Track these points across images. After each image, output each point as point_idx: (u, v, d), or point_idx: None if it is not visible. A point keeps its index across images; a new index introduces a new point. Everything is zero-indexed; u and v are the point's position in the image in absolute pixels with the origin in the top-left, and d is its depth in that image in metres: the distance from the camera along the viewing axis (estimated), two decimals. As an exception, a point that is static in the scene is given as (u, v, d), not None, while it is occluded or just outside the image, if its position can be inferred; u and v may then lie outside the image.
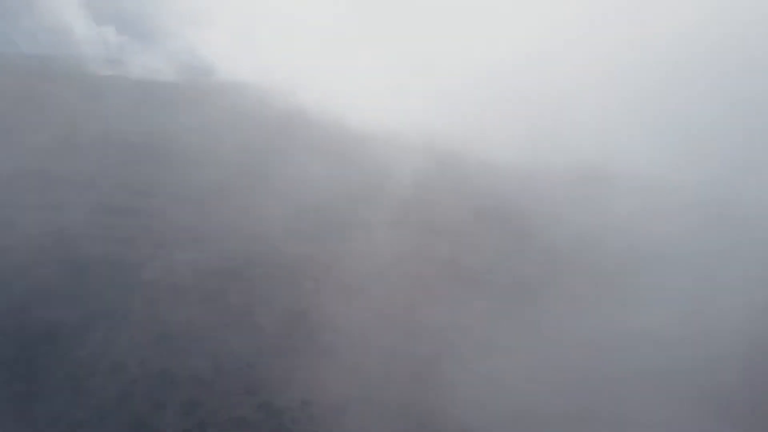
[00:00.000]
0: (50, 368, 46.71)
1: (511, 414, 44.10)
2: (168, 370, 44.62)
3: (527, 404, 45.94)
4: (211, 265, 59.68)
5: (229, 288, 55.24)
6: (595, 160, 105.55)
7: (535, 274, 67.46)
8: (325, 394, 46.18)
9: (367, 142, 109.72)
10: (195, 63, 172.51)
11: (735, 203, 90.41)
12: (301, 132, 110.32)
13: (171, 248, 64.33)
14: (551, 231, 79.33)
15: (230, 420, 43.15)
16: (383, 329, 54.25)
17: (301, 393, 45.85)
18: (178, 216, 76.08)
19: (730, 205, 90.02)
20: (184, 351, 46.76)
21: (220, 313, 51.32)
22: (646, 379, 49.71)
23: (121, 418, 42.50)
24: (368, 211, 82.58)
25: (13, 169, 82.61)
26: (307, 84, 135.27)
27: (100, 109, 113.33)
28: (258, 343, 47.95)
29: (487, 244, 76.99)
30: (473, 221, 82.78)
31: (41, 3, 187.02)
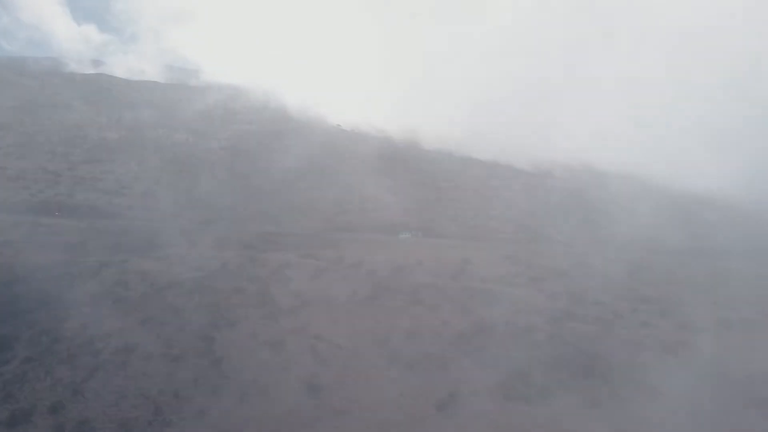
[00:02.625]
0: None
1: None
2: (90, 420, 33.05)
3: None
4: (171, 276, 48.42)
5: (187, 306, 43.75)
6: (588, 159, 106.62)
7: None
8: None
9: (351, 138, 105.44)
10: (177, 63, 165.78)
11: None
12: (282, 130, 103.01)
13: (127, 254, 53.31)
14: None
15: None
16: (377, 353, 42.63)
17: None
18: (143, 217, 65.15)
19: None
20: (116, 393, 35.28)
21: (172, 340, 39.77)
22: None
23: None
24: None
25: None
26: (288, 83, 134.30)
27: (75, 107, 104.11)
28: (214, 382, 36.26)
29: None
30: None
31: (20, 0, 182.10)
